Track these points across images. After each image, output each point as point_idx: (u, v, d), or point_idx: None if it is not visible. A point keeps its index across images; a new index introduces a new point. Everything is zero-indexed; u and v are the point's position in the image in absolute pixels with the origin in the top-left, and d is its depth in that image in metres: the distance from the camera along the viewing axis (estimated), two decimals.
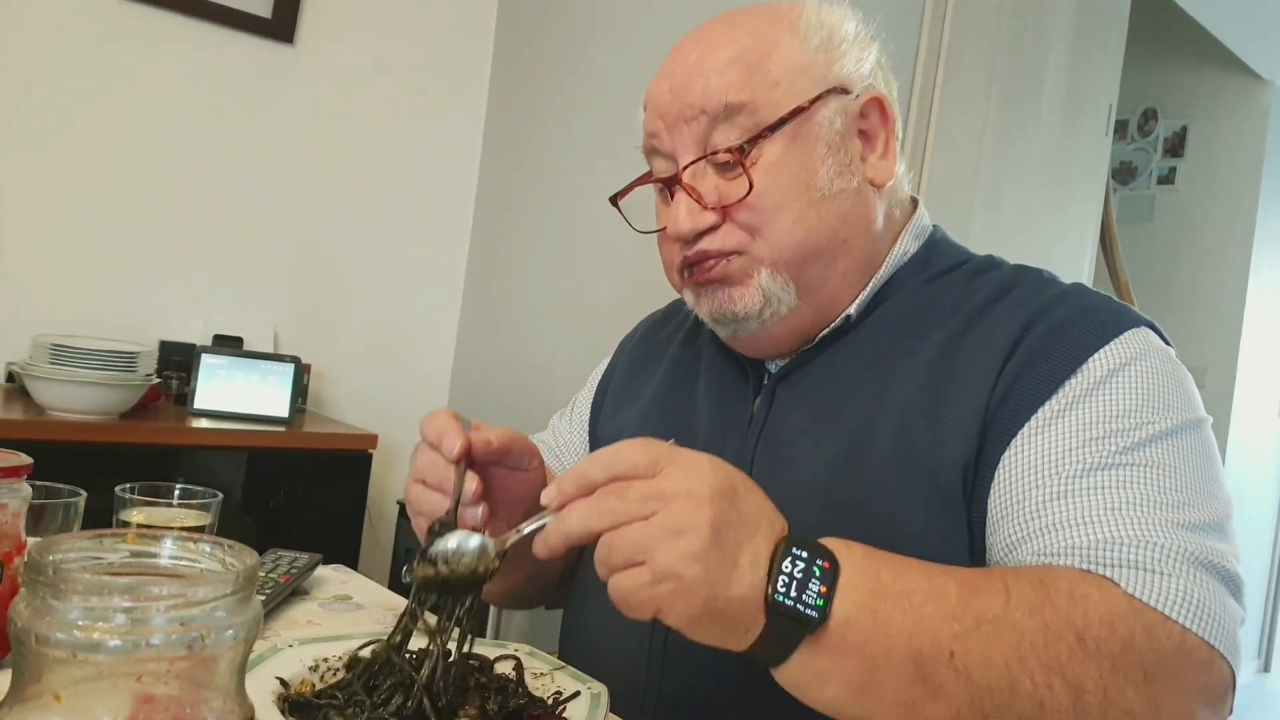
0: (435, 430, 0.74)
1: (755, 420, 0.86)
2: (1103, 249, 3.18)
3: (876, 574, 0.60)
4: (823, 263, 0.82)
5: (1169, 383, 0.74)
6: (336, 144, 2.64)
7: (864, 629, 0.59)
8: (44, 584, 0.38)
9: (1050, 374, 0.74)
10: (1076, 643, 0.59)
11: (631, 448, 0.60)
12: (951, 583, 0.61)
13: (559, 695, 0.69)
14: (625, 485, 0.59)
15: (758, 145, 0.79)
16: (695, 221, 0.81)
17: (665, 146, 0.83)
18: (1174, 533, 0.65)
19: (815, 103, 0.80)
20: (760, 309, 0.82)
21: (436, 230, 2.84)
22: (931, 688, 0.59)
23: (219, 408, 2.16)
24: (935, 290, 0.85)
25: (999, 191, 2.49)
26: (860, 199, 0.83)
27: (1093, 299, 0.80)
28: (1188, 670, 0.61)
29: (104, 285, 2.35)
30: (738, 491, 0.60)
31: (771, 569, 0.58)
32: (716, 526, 0.57)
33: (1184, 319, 4.09)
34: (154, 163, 2.38)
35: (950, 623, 0.59)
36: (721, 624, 0.58)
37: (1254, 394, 4.20)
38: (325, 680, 0.68)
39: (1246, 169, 4.04)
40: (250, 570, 0.42)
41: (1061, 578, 0.63)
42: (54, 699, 0.38)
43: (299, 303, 2.62)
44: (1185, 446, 0.71)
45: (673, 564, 0.56)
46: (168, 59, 2.38)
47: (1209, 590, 0.63)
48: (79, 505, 0.82)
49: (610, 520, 0.58)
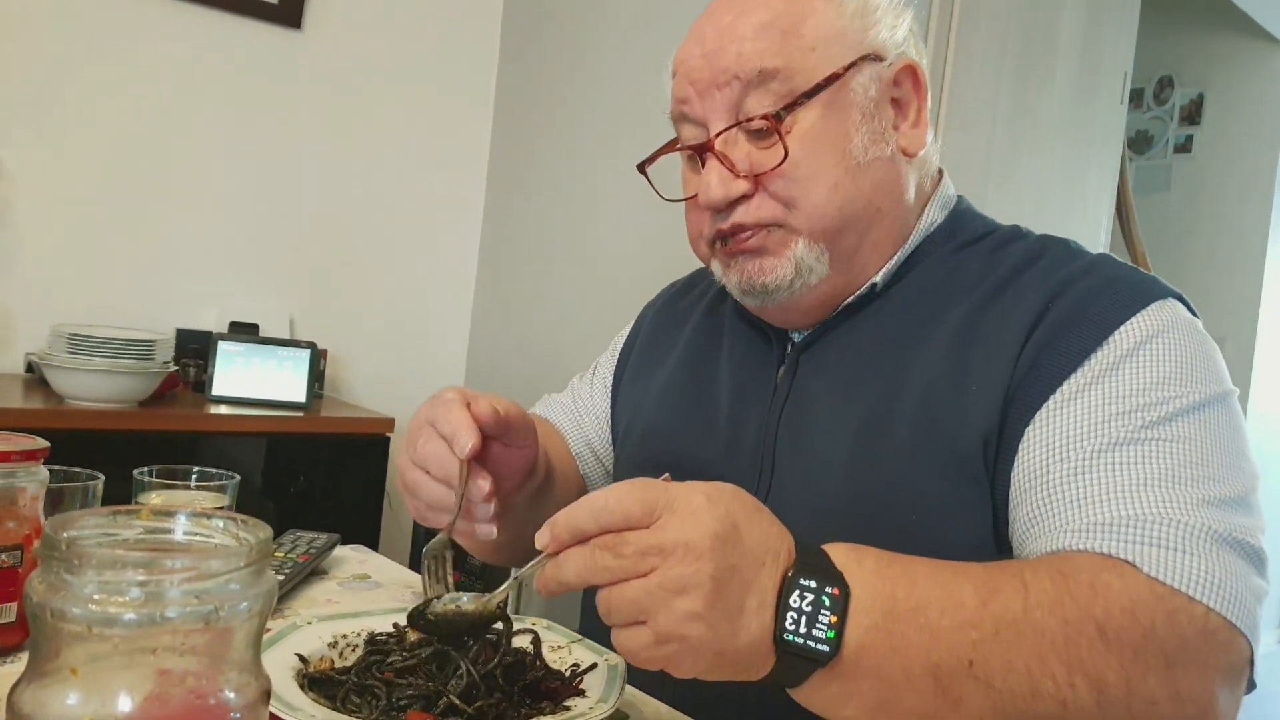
0: (449, 426, 0.73)
1: (779, 390, 0.86)
2: (1119, 219, 3.15)
3: (890, 593, 0.58)
4: (857, 232, 0.81)
5: (1196, 355, 0.72)
6: (347, 129, 2.64)
7: (879, 653, 0.57)
8: (59, 559, 0.38)
9: (1076, 347, 0.72)
10: (1097, 635, 0.58)
11: (623, 496, 0.57)
12: (968, 587, 0.60)
13: (576, 667, 0.69)
14: (620, 540, 0.56)
15: (793, 112, 0.78)
16: (727, 190, 0.79)
17: (696, 113, 0.81)
18: (1198, 510, 0.64)
19: (850, 69, 0.79)
20: (791, 280, 0.81)
21: (449, 214, 2.84)
22: (951, 700, 0.58)
23: (237, 394, 2.17)
24: (961, 260, 0.84)
25: (1014, 162, 2.47)
26: (893, 167, 0.82)
27: (1119, 270, 0.78)
28: (1209, 653, 0.60)
29: (120, 275, 2.36)
30: (739, 528, 0.57)
31: (779, 603, 0.57)
32: (718, 576, 0.55)
33: (1202, 289, 4.04)
34: (167, 152, 2.39)
35: (968, 631, 0.58)
36: (733, 669, 0.58)
37: (1274, 363, 4.16)
38: (344, 657, 0.69)
39: (1265, 136, 3.98)
40: (263, 543, 0.42)
41: (1082, 568, 0.62)
42: (71, 673, 0.38)
43: (314, 289, 2.63)
44: (1211, 420, 0.69)
45: (675, 626, 0.55)
46: (178, 47, 2.38)
47: (1231, 569, 0.62)
48: (97, 488, 0.82)
49: (607, 577, 0.56)
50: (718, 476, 0.81)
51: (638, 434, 0.96)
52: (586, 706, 0.62)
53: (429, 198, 2.79)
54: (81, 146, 2.29)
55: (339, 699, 0.61)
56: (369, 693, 0.61)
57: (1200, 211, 4.12)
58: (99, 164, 2.31)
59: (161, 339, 2.03)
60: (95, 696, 0.38)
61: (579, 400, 1.08)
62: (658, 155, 0.88)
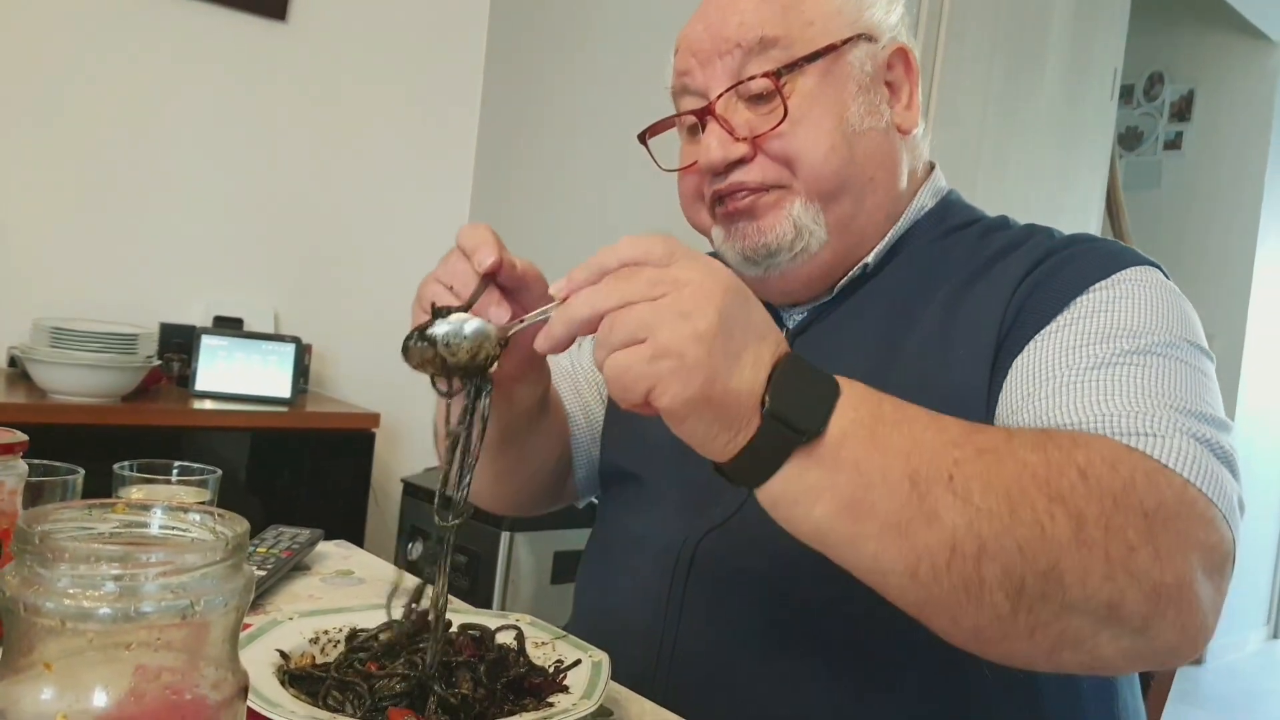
0: (473, 240, 0.71)
1: None
2: (1109, 215, 3.16)
3: (879, 402, 0.59)
4: (852, 198, 0.83)
5: (1173, 308, 0.74)
6: (332, 121, 2.63)
7: (860, 445, 0.57)
8: (32, 553, 0.38)
9: (1056, 296, 0.75)
10: (1079, 477, 0.57)
11: (646, 237, 0.58)
12: (953, 421, 0.60)
13: (560, 664, 0.68)
14: (636, 269, 0.57)
15: (792, 75, 0.81)
16: (726, 151, 0.81)
17: (697, 83, 0.84)
18: (1173, 414, 0.64)
19: (847, 43, 0.82)
20: (791, 240, 0.82)
21: (435, 207, 2.82)
22: (927, 509, 0.56)
23: (220, 389, 2.16)
24: (949, 245, 0.87)
25: (1003, 158, 2.47)
26: (888, 140, 0.85)
27: (1099, 241, 0.82)
28: (1188, 520, 0.59)
29: (103, 268, 2.34)
30: (747, 300, 0.59)
31: (773, 375, 0.57)
32: (725, 317, 0.56)
33: (1191, 286, 4.03)
34: (151, 144, 2.37)
35: (951, 449, 0.58)
36: (714, 415, 0.56)
37: (1262, 361, 4.18)
38: (325, 653, 0.68)
39: (1254, 133, 4.00)
40: (240, 537, 0.42)
41: (1063, 432, 0.64)
42: (45, 669, 0.37)
43: (299, 283, 2.62)
44: (1186, 360, 0.70)
45: (676, 341, 0.55)
46: (162, 39, 2.36)
47: (1209, 461, 0.62)
48: (77, 483, 0.81)
49: (617, 299, 0.56)
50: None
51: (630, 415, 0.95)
52: (570, 703, 0.62)
53: (415, 191, 2.78)
54: (64, 139, 2.27)
55: (320, 696, 0.60)
56: (350, 689, 0.60)
57: (1190, 208, 4.14)
58: (82, 157, 2.29)
59: (145, 333, 2.01)
60: (70, 692, 0.38)
61: (577, 367, 1.07)
62: (660, 126, 0.90)
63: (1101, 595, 0.56)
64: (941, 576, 0.56)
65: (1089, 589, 0.56)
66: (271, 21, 2.50)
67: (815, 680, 0.77)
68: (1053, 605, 0.56)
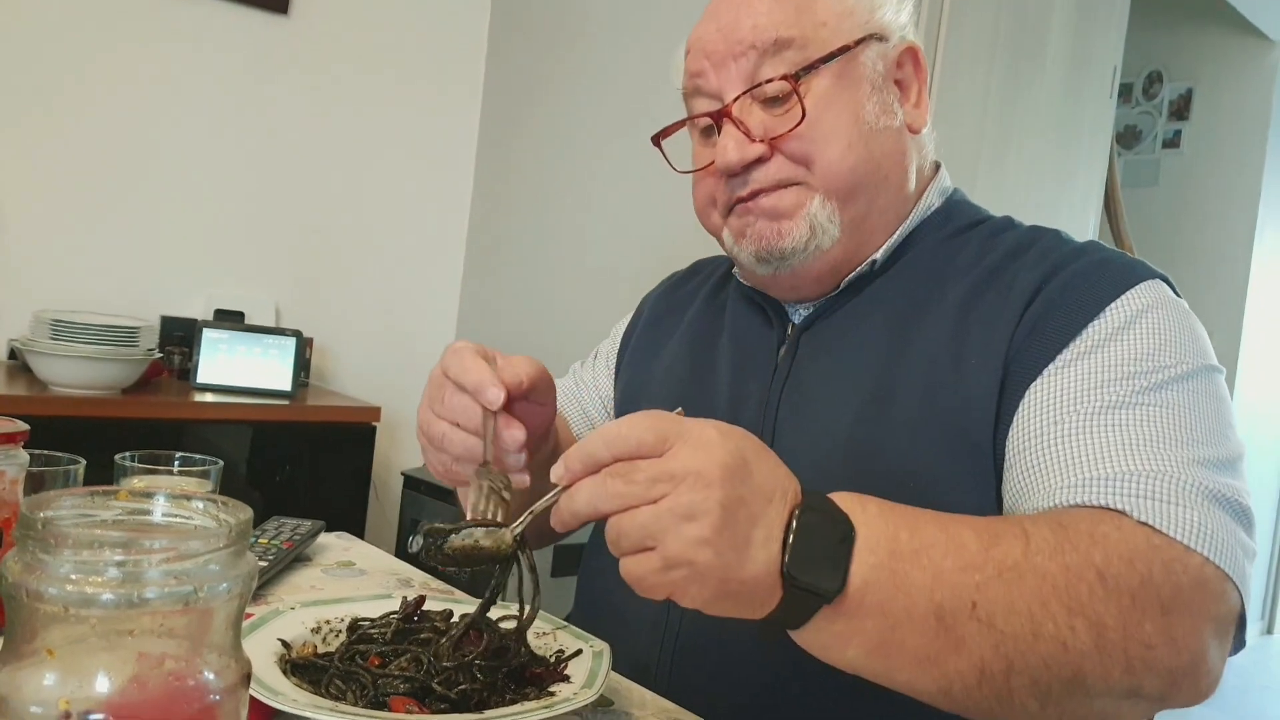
0: (473, 380, 0.72)
1: (780, 369, 0.88)
2: (1107, 213, 3.16)
3: (894, 534, 0.59)
4: (867, 196, 0.84)
5: (1184, 330, 0.75)
6: (334, 114, 2.63)
7: (883, 589, 0.58)
8: (35, 539, 0.38)
9: (1071, 320, 0.75)
10: (1097, 580, 0.59)
11: (636, 424, 0.58)
12: (969, 532, 0.61)
13: (561, 653, 0.69)
14: (631, 466, 0.57)
15: (809, 76, 0.81)
16: (743, 153, 0.82)
17: (710, 85, 0.84)
18: (1189, 468, 0.66)
19: (859, 44, 0.83)
20: (807, 241, 0.83)
21: (436, 200, 2.82)
22: (954, 640, 0.58)
23: (221, 382, 2.16)
24: (955, 246, 0.87)
25: (1003, 156, 2.47)
26: (900, 139, 0.86)
27: (1108, 253, 0.81)
28: (1203, 601, 0.62)
29: (104, 261, 2.34)
30: (748, 463, 0.58)
31: (786, 539, 0.57)
32: (727, 506, 0.56)
33: (1189, 283, 4.05)
34: (152, 138, 2.37)
35: (971, 573, 0.59)
36: (735, 602, 0.58)
37: (1260, 358, 4.18)
38: (327, 643, 0.68)
39: (1253, 131, 4.00)
40: (243, 525, 0.42)
41: (1080, 519, 0.63)
42: (48, 655, 0.38)
43: (300, 277, 2.62)
44: (1201, 390, 0.72)
45: (683, 551, 0.55)
46: (164, 33, 2.36)
47: (1223, 524, 0.64)
48: (78, 472, 0.81)
49: (617, 504, 0.57)
50: None
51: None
52: (571, 692, 0.62)
53: (417, 185, 2.78)
54: (66, 133, 2.27)
55: (323, 685, 0.60)
56: (353, 679, 0.61)
57: (1188, 206, 4.14)
58: (83, 150, 2.29)
59: (146, 326, 2.01)
60: (72, 678, 0.38)
61: (581, 383, 1.09)
62: (673, 128, 0.90)
63: (1122, 686, 0.60)
64: (973, 692, 0.60)
65: (1110, 683, 0.60)
66: (273, 15, 2.50)
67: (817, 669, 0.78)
68: (1078, 699, 0.61)
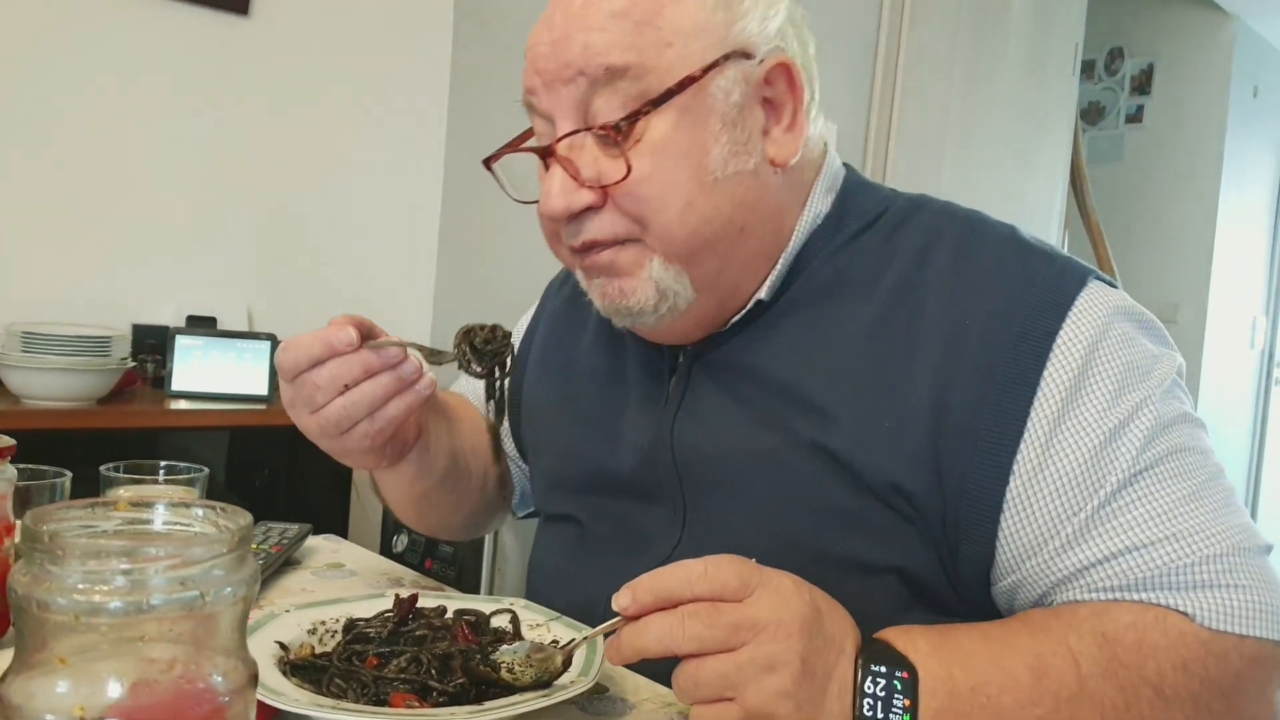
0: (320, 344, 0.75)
1: (671, 400, 0.80)
2: (1073, 189, 3.20)
3: (949, 674, 0.60)
4: (718, 254, 0.73)
5: (1137, 350, 0.69)
6: (299, 116, 2.61)
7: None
8: (41, 550, 0.38)
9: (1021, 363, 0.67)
10: (1155, 696, 0.60)
11: (722, 567, 0.57)
12: (1019, 663, 0.61)
13: (555, 644, 0.70)
14: (715, 610, 0.56)
15: (642, 119, 0.69)
16: (569, 201, 0.71)
17: (543, 107, 0.74)
18: (1218, 532, 0.63)
19: (711, 70, 0.70)
20: (655, 303, 0.73)
21: (407, 199, 2.82)
22: None
23: (197, 389, 2.15)
24: (851, 254, 0.77)
25: (969, 135, 2.49)
26: (758, 182, 0.73)
27: (1028, 264, 0.71)
28: (1264, 675, 0.63)
29: (73, 271, 2.32)
30: (821, 614, 0.59)
31: (856, 689, 0.58)
32: (806, 657, 0.56)
33: (1155, 256, 4.12)
34: (115, 144, 2.35)
35: (1031, 709, 0.60)
36: None
37: (1226, 328, 4.26)
38: (324, 643, 0.69)
39: (1213, 103, 4.06)
40: (244, 529, 0.43)
41: (1125, 627, 0.62)
42: (60, 663, 0.38)
43: (271, 280, 2.60)
44: (1179, 418, 0.68)
45: (765, 703, 0.56)
46: (124, 36, 2.33)
47: (1265, 580, 0.63)
48: (65, 485, 0.82)
49: (694, 646, 0.56)
50: (638, 492, 0.81)
51: (552, 453, 0.93)
52: (568, 680, 0.63)
53: (386, 183, 2.77)
54: (27, 140, 2.24)
55: (324, 685, 0.61)
56: (353, 678, 0.61)
57: (1152, 180, 4.20)
58: (45, 158, 2.27)
59: (118, 335, 2.00)
60: (85, 685, 0.38)
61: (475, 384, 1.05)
62: (504, 151, 0.79)
63: None
64: None
65: None
66: (234, 16, 2.47)
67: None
68: None
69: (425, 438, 0.85)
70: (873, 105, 2.25)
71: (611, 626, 0.59)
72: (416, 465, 0.86)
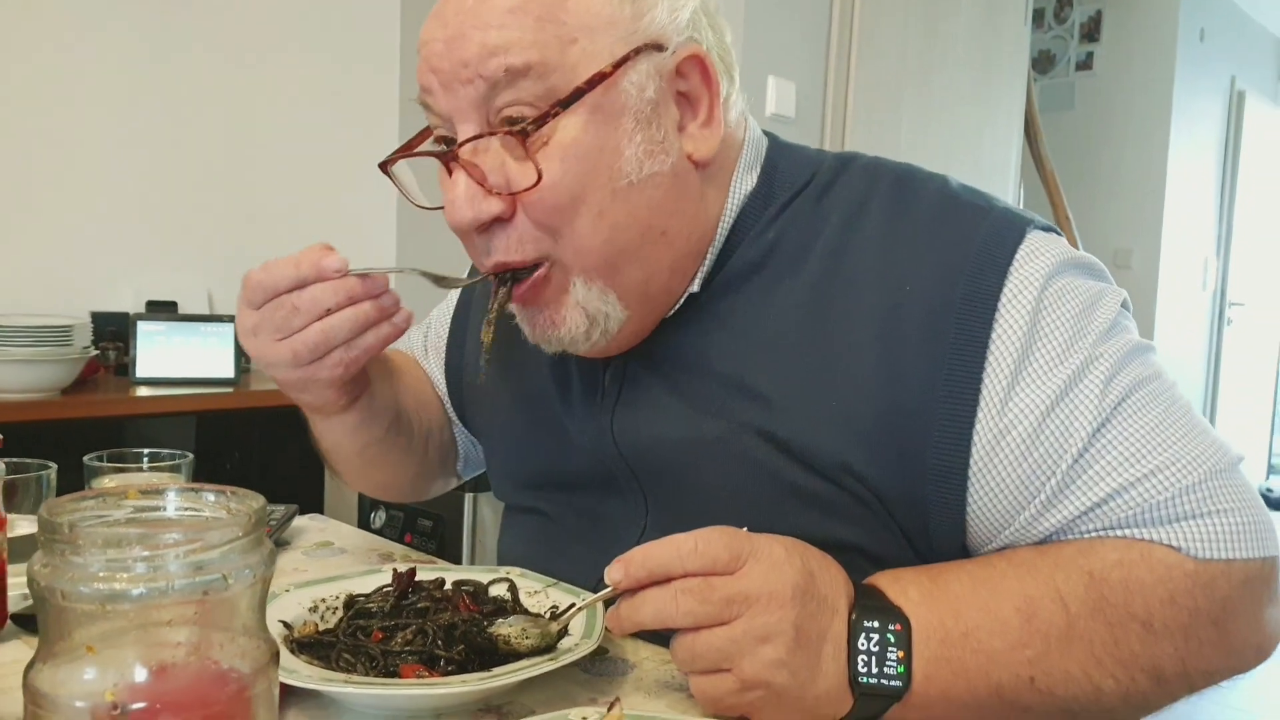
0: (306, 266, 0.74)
1: (607, 395, 0.78)
2: (1027, 138, 3.23)
3: (940, 622, 0.61)
4: (640, 263, 0.69)
5: (1082, 296, 0.67)
6: (248, 88, 2.56)
7: (944, 679, 0.60)
8: (62, 542, 0.39)
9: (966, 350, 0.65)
10: (1144, 631, 0.61)
11: (712, 541, 0.58)
12: (1008, 606, 0.62)
13: (555, 609, 0.71)
14: (707, 584, 0.57)
15: (549, 122, 0.65)
16: (476, 210, 0.67)
17: (440, 108, 0.68)
18: (1192, 459, 0.63)
19: (621, 66, 0.65)
20: (586, 330, 0.70)
21: (364, 173, 2.77)
22: (1020, 709, 0.62)
23: (162, 374, 2.12)
24: (782, 226, 0.74)
25: (926, 87, 2.51)
26: (676, 182, 0.70)
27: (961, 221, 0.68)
28: (1250, 597, 0.64)
29: (27, 260, 2.27)
30: (814, 576, 0.60)
31: (850, 648, 0.59)
32: (799, 624, 0.58)
33: (1108, 202, 4.19)
34: (65, 129, 2.29)
35: (1021, 650, 0.61)
36: (810, 714, 0.60)
37: (1178, 271, 4.34)
38: (326, 620, 0.70)
39: (1161, 49, 4.11)
40: (259, 512, 0.43)
41: (1111, 565, 0.62)
42: (87, 651, 0.39)
43: (230, 261, 2.56)
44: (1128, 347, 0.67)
45: (760, 672, 0.57)
46: (67, 18, 2.27)
47: (1243, 494, 0.64)
48: (51, 477, 0.81)
49: (689, 621, 0.57)
50: (596, 484, 0.80)
51: (503, 446, 0.92)
52: (571, 644, 0.64)
53: (340, 158, 2.73)
54: None
55: (333, 660, 0.62)
56: (361, 651, 0.62)
57: (1103, 127, 4.25)
58: None
59: (78, 323, 1.97)
60: (113, 670, 0.39)
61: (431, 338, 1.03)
62: (399, 156, 0.74)
63: (1196, 690, 0.64)
64: None
65: (1184, 694, 0.64)
66: None
67: None
68: (1156, 708, 0.64)
69: (371, 387, 0.84)
70: (830, 59, 2.25)
71: (607, 595, 0.61)
72: (362, 413, 0.84)
